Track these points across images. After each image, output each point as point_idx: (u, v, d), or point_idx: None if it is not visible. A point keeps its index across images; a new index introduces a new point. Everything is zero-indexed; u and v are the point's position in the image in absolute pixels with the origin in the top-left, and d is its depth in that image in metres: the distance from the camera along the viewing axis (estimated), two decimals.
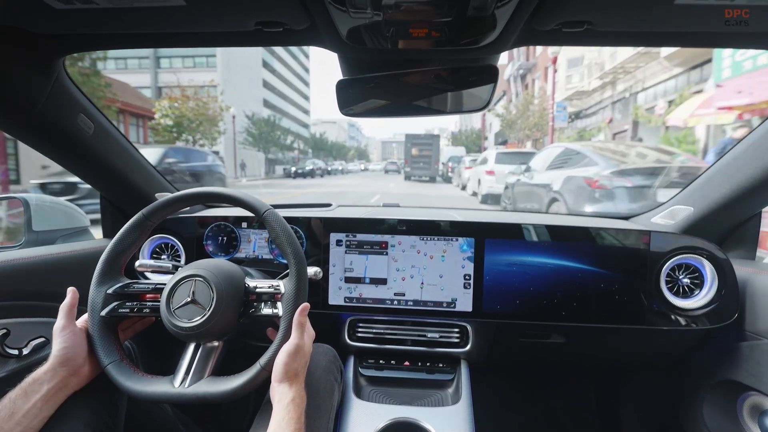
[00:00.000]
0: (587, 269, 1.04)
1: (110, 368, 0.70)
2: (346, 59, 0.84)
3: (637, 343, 1.15)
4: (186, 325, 0.70)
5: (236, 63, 32.18)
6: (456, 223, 1.09)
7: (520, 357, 1.30)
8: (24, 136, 0.87)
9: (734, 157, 0.98)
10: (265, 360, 0.70)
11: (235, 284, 0.76)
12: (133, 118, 19.63)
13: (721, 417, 1.03)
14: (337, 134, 77.58)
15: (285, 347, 0.70)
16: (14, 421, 0.60)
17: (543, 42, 0.74)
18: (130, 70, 29.20)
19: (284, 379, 0.68)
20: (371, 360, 1.14)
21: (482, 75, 0.82)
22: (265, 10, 0.64)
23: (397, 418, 0.94)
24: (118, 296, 0.77)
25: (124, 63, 30.16)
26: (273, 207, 0.79)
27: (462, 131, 36.01)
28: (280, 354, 0.69)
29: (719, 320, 1.00)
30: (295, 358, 0.69)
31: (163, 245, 1.19)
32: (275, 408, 0.66)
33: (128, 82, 20.20)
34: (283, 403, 0.65)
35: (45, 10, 0.62)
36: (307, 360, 0.74)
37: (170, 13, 0.65)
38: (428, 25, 0.65)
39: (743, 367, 0.95)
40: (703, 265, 1.03)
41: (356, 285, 1.10)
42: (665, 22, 0.66)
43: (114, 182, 1.12)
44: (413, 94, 0.88)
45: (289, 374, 0.68)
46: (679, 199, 1.17)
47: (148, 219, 0.80)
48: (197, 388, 0.69)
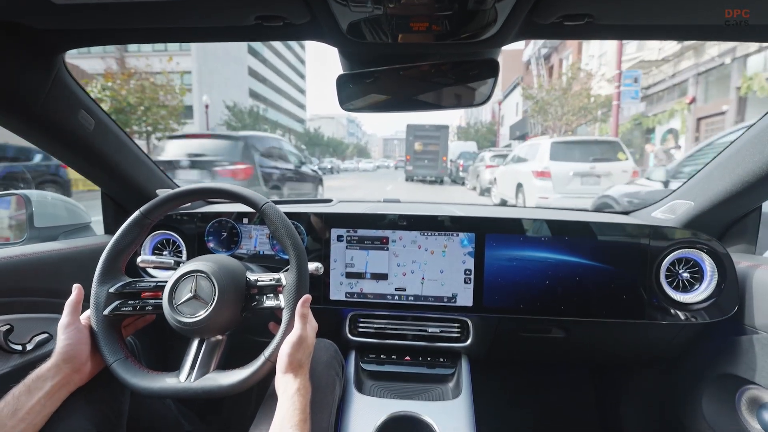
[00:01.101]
0: (587, 264, 1.05)
1: (115, 366, 0.71)
2: (347, 54, 0.84)
3: (636, 337, 1.16)
4: (189, 321, 0.71)
5: (215, 48, 29.10)
6: (457, 218, 1.09)
7: (521, 352, 1.30)
8: (24, 131, 0.87)
9: (735, 151, 0.97)
10: (270, 351, 0.70)
11: (236, 278, 0.76)
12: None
13: (719, 410, 1.03)
14: (335, 130, 76.42)
15: (289, 338, 0.70)
16: (18, 418, 0.60)
17: (544, 36, 0.74)
18: (94, 54, 23.19)
19: (289, 369, 0.69)
20: (372, 355, 1.15)
21: (483, 69, 0.82)
22: (265, 5, 0.64)
23: (398, 412, 0.94)
24: (120, 295, 0.77)
25: (87, 48, 28.11)
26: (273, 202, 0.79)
27: (471, 125, 33.41)
28: (284, 345, 0.70)
29: (719, 314, 1.00)
30: (299, 348, 0.70)
31: (164, 241, 1.19)
32: (280, 399, 0.66)
33: (85, 69, 15.87)
34: (289, 394, 0.66)
35: (45, 6, 0.61)
36: (311, 351, 0.74)
37: (170, 8, 0.65)
38: (429, 19, 0.65)
39: (742, 361, 0.96)
40: (703, 259, 1.03)
41: (357, 280, 1.11)
42: (666, 15, 0.66)
43: (115, 178, 1.12)
44: (414, 89, 0.88)
45: (294, 365, 0.69)
46: (679, 194, 1.17)
47: (146, 217, 0.80)
48: (203, 382, 0.70)
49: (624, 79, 10.20)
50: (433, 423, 0.91)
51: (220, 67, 30.76)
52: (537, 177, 6.19)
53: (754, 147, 0.92)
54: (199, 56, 28.23)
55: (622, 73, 10.02)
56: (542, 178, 6.12)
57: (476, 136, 28.00)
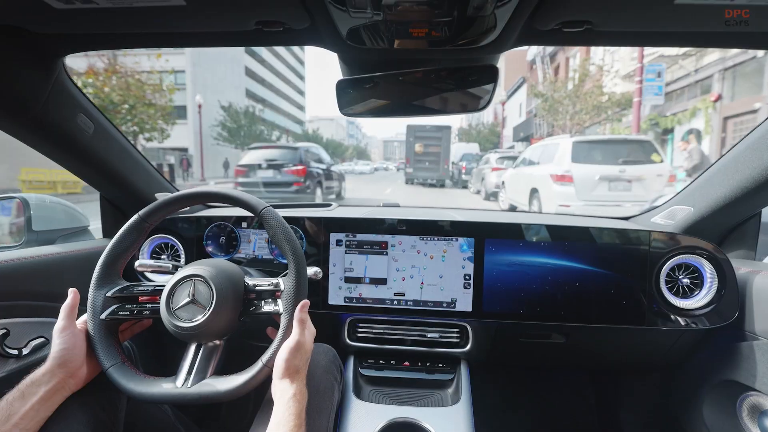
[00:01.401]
0: (587, 269, 1.04)
1: (112, 371, 0.70)
2: (346, 59, 0.84)
3: (636, 343, 1.15)
4: (187, 325, 0.70)
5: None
6: (456, 223, 1.09)
7: (520, 357, 1.30)
8: (24, 135, 0.87)
9: (734, 157, 0.97)
10: (267, 357, 0.70)
11: (234, 283, 0.76)
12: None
13: (720, 417, 1.03)
14: (335, 132, 76.26)
15: (286, 343, 0.70)
16: (11, 423, 0.59)
17: (543, 42, 0.74)
18: (84, 54, 25.70)
19: (285, 375, 0.68)
20: (371, 360, 1.14)
21: (482, 75, 0.82)
22: (265, 10, 0.64)
23: (397, 418, 0.94)
24: (118, 299, 0.77)
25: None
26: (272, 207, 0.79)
27: (472, 126, 31.25)
28: (282, 350, 0.69)
29: (719, 320, 1.00)
30: (296, 354, 0.69)
31: (163, 245, 1.19)
32: (276, 404, 0.66)
33: (71, 66, 15.60)
34: (284, 400, 0.65)
35: (45, 10, 0.62)
36: (309, 356, 0.74)
37: (170, 13, 0.65)
38: (428, 25, 0.66)
39: (743, 367, 0.95)
40: (703, 265, 1.03)
41: (356, 285, 1.10)
42: (665, 22, 0.67)
43: (114, 182, 1.12)
44: (413, 94, 0.88)
45: (290, 370, 0.68)
46: (679, 199, 1.17)
47: (145, 221, 0.80)
48: (200, 387, 0.69)
49: (646, 73, 9.04)
50: (432, 429, 0.91)
51: (215, 66, 29.87)
52: (556, 181, 5.45)
53: (753, 153, 0.92)
54: (193, 55, 27.57)
55: (644, 66, 8.90)
56: (563, 183, 5.38)
57: (478, 138, 26.45)
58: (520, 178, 7.06)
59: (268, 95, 42.73)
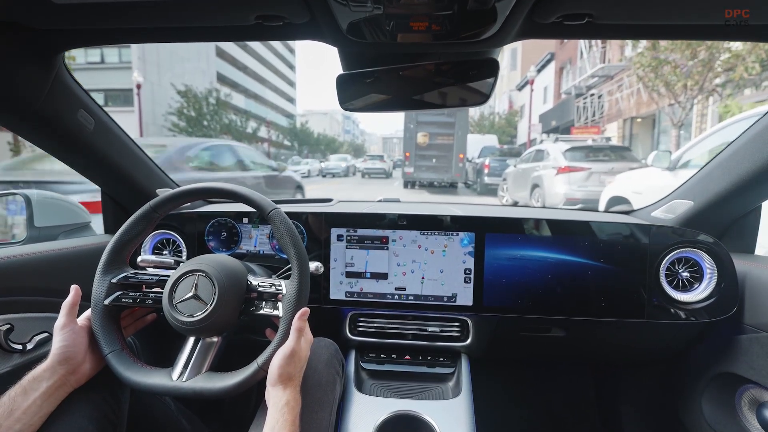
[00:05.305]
0: (587, 263, 1.05)
1: (110, 357, 0.71)
2: (346, 53, 0.84)
3: (636, 336, 1.16)
4: (187, 320, 0.71)
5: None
6: (457, 217, 1.09)
7: (521, 351, 1.30)
8: (24, 131, 0.88)
9: (734, 151, 0.97)
10: (263, 360, 0.70)
11: (237, 281, 0.76)
12: None
13: (719, 409, 1.04)
14: (329, 126, 73.57)
15: (281, 351, 0.69)
16: (14, 418, 0.60)
17: (544, 35, 0.74)
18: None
19: (278, 382, 0.68)
20: (372, 354, 1.15)
21: (483, 68, 0.82)
22: (265, 4, 0.64)
23: (398, 411, 0.94)
24: (122, 286, 0.78)
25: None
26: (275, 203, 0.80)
27: (485, 116, 26.56)
28: (276, 357, 0.69)
29: (718, 313, 1.00)
30: (290, 362, 0.69)
31: (164, 241, 1.19)
32: (270, 411, 0.66)
33: None
34: (278, 407, 0.65)
35: (44, 5, 0.61)
36: (303, 364, 0.73)
37: (170, 8, 0.65)
38: (429, 19, 0.65)
39: (742, 360, 0.96)
40: (703, 258, 1.03)
41: (357, 280, 1.11)
42: (666, 15, 0.66)
43: (115, 178, 1.12)
44: (414, 88, 0.88)
45: (283, 378, 0.68)
46: (679, 193, 1.17)
47: (155, 211, 0.81)
48: (194, 383, 0.70)
49: None
50: (433, 422, 0.92)
51: (173, 45, 23.85)
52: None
53: (754, 146, 0.92)
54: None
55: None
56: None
57: (491, 129, 22.54)
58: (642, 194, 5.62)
59: (250, 84, 38.21)
